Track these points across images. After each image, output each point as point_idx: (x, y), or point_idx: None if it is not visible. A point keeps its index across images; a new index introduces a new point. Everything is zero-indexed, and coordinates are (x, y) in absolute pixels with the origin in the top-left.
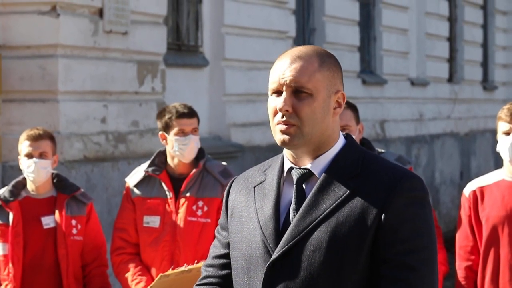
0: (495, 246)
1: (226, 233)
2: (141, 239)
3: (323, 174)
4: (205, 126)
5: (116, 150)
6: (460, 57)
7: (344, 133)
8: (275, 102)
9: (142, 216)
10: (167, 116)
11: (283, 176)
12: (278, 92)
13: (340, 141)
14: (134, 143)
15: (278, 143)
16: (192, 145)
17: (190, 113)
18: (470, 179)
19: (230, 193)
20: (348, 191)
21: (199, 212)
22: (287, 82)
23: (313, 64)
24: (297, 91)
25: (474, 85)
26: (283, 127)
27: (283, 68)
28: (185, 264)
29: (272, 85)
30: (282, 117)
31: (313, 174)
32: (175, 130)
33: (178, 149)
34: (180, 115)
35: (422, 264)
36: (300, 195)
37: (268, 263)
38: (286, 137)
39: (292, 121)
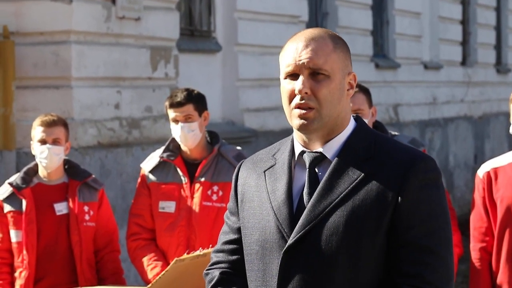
0: (509, 227)
1: (236, 218)
2: (156, 225)
3: (336, 157)
4: (218, 111)
5: (130, 136)
6: (473, 40)
7: (354, 115)
8: (290, 85)
9: (158, 201)
10: (165, 105)
11: (293, 160)
12: (294, 75)
13: (351, 124)
14: (148, 129)
15: (295, 127)
16: (184, 133)
17: (180, 102)
18: (484, 162)
19: (238, 177)
20: (363, 174)
21: (214, 197)
22: (305, 64)
23: (328, 46)
24: (314, 73)
25: (488, 68)
26: (302, 112)
27: (298, 50)
28: (200, 249)
29: (287, 68)
30: (301, 100)
31: (326, 157)
32: (170, 118)
33: (177, 137)
34: (171, 105)
35: (439, 246)
36: (314, 179)
37: (284, 248)
38: (304, 122)
39: (311, 103)
